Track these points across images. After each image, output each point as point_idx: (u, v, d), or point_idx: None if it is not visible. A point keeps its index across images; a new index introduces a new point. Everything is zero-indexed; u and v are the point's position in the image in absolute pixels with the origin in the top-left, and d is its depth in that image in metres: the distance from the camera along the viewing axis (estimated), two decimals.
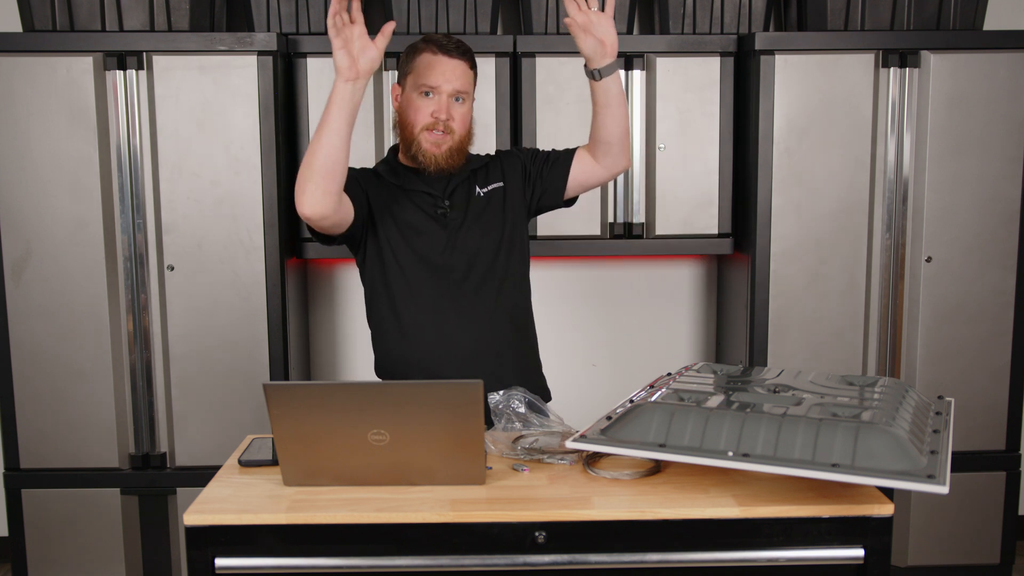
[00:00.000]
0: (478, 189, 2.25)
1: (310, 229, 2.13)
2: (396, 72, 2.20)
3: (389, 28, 1.96)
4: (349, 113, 1.96)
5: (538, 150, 2.35)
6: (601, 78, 2.12)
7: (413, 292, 2.20)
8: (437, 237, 2.20)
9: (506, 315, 2.25)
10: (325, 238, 2.17)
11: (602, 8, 2.10)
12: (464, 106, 2.18)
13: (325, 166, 1.96)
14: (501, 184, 2.28)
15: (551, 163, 2.30)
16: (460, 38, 2.21)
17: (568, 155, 2.30)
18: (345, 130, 1.96)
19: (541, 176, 2.29)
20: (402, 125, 2.20)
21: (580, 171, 2.28)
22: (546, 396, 2.36)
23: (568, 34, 3.09)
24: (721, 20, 3.14)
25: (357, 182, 2.17)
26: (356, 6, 1.93)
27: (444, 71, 2.14)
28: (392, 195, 2.22)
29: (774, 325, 3.06)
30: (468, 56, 2.19)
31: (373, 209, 2.20)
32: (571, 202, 2.37)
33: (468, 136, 2.21)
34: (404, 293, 2.20)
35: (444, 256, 2.20)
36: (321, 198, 1.98)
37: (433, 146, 2.16)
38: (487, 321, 2.22)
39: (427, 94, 2.15)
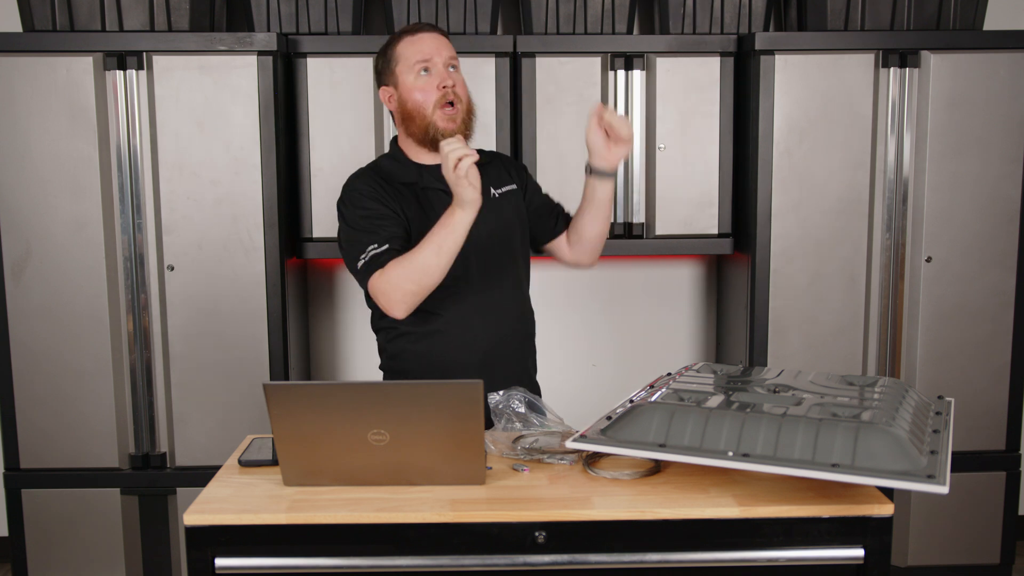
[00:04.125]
0: (492, 191, 2.23)
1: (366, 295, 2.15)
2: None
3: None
4: (463, 239, 2.01)
5: (539, 187, 2.39)
6: (598, 178, 2.16)
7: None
8: None
9: (517, 313, 2.28)
10: None
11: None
12: (459, 74, 2.19)
13: (432, 285, 2.03)
14: (515, 187, 2.28)
15: (539, 211, 2.34)
16: (460, 38, 2.22)
17: (553, 219, 2.35)
18: (456, 254, 2.02)
19: (531, 217, 2.33)
20: (410, 115, 2.15)
21: (554, 244, 2.35)
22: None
23: (569, 34, 3.10)
24: (721, 20, 3.14)
25: (396, 215, 2.13)
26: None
27: (432, 44, 2.15)
28: (413, 199, 2.17)
29: (774, 325, 3.06)
30: (445, 31, 2.22)
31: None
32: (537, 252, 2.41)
33: (472, 105, 2.20)
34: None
35: (460, 256, 2.16)
36: (414, 306, 2.05)
37: (449, 122, 2.13)
38: (503, 320, 2.24)
39: (424, 71, 2.14)
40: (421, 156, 2.20)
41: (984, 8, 3.11)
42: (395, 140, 2.26)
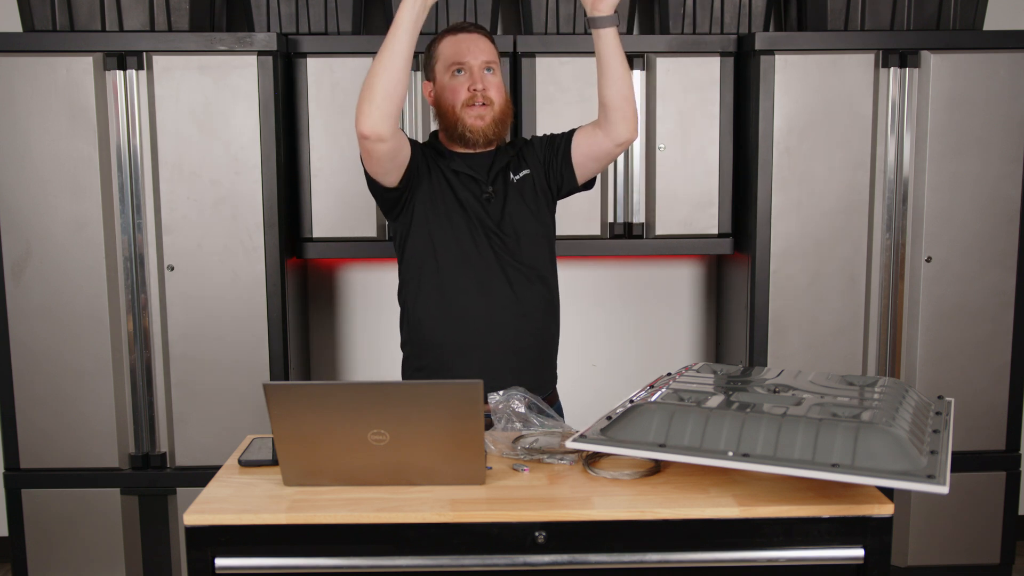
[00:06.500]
0: (512, 176, 2.29)
1: (371, 182, 2.17)
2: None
3: None
4: (413, 36, 2.00)
5: (551, 136, 2.36)
6: (594, 28, 2.15)
7: (452, 273, 2.22)
8: (481, 222, 2.23)
9: (535, 304, 2.29)
10: (384, 191, 2.18)
11: None
12: (496, 77, 2.23)
13: (386, 88, 2.00)
14: (528, 172, 2.31)
15: (556, 148, 2.32)
16: None
17: (566, 137, 2.32)
18: (407, 52, 2.00)
19: (555, 162, 2.32)
20: (442, 112, 2.24)
21: (585, 145, 2.28)
22: (552, 385, 2.39)
23: (569, 34, 3.10)
24: (721, 20, 3.14)
25: (412, 144, 2.21)
26: None
27: (469, 46, 2.20)
28: (441, 173, 2.25)
29: (774, 325, 3.06)
30: (487, 32, 2.25)
31: (423, 177, 2.22)
32: (590, 184, 2.38)
33: (507, 107, 2.26)
34: (445, 272, 2.22)
35: (485, 240, 2.22)
36: (380, 120, 2.01)
37: (477, 119, 2.20)
38: (520, 310, 2.25)
39: (459, 72, 2.20)
40: (454, 149, 2.28)
41: (984, 8, 3.11)
42: (434, 134, 2.34)
